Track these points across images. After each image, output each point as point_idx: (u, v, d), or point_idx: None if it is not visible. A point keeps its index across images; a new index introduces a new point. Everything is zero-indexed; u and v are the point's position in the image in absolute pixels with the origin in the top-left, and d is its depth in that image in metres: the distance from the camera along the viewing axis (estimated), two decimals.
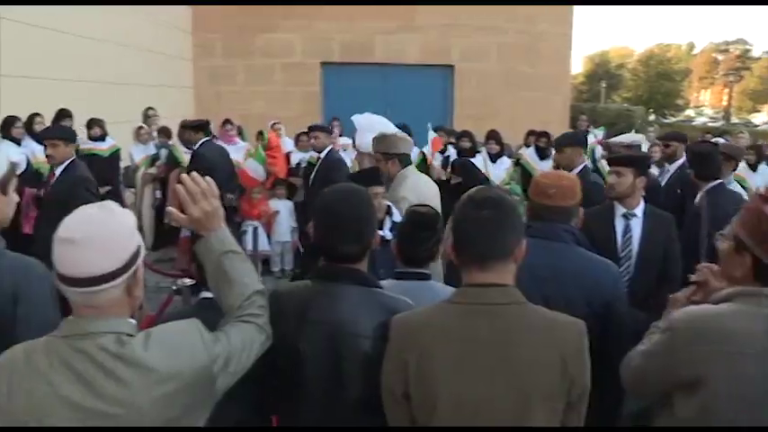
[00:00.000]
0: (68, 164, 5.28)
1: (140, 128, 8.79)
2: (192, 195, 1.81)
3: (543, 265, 2.50)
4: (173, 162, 8.04)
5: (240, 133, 8.41)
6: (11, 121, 6.99)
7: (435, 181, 5.09)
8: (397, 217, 3.83)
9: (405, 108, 12.45)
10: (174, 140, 8.31)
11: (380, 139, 4.42)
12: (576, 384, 1.80)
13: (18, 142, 6.94)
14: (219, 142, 7.88)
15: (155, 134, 8.80)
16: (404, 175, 4.26)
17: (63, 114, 7.65)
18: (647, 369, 1.95)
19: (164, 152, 8.35)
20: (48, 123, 7.22)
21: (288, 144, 8.93)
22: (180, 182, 1.84)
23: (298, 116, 12.48)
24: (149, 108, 9.33)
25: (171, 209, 1.90)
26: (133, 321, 1.63)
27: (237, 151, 7.95)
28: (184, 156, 7.70)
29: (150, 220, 8.21)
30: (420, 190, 4.19)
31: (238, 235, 6.98)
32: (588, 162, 6.20)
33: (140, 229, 1.86)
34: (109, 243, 1.53)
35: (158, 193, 8.31)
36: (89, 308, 1.55)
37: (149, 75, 11.37)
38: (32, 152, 7.00)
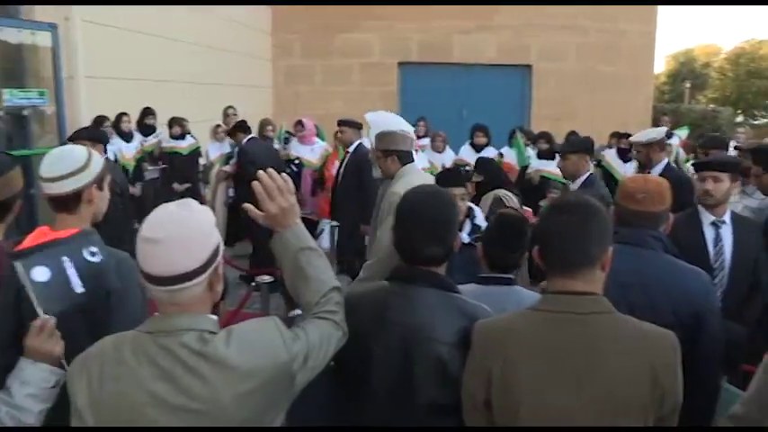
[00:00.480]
0: None
1: (217, 126, 8.99)
2: (268, 192, 1.83)
3: (629, 272, 2.42)
4: None
5: (318, 133, 8.48)
6: (100, 120, 7.32)
7: (523, 187, 5.03)
8: (479, 220, 3.79)
9: (481, 108, 12.40)
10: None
11: (380, 137, 4.28)
12: (667, 398, 1.74)
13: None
14: (295, 142, 8.03)
15: None
16: (402, 173, 4.11)
17: (147, 113, 7.95)
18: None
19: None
20: (133, 122, 7.52)
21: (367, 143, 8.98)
22: (254, 180, 1.85)
23: None
24: (229, 107, 9.54)
25: (247, 205, 1.91)
26: (214, 318, 1.66)
27: (314, 151, 8.04)
28: None
29: (223, 216, 8.39)
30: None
31: (315, 233, 7.09)
32: (672, 164, 6.00)
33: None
34: (191, 241, 1.56)
35: (231, 191, 8.50)
36: (173, 305, 1.58)
37: (230, 74, 11.61)
38: (119, 149, 7.30)
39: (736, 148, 5.77)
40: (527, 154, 8.28)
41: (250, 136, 7.41)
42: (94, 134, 5.72)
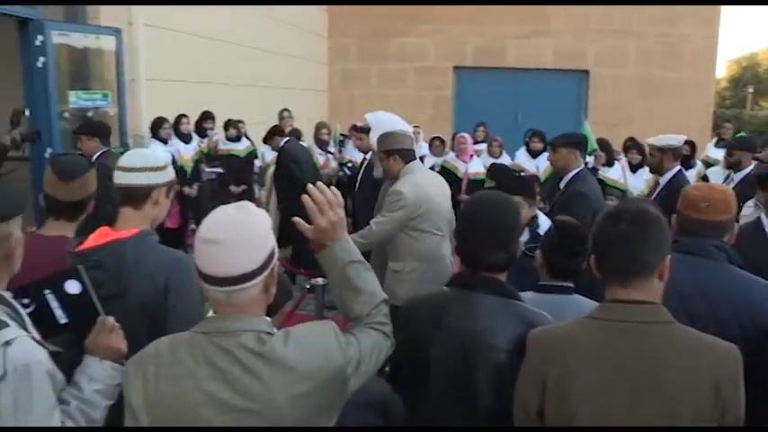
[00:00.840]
0: (99, 155, 5.54)
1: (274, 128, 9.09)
2: (319, 206, 1.80)
3: (689, 282, 2.35)
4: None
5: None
6: (159, 122, 7.50)
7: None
8: (542, 229, 3.75)
9: (536, 113, 12.28)
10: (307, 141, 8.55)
11: (381, 139, 4.33)
12: (728, 412, 1.69)
13: (165, 141, 7.41)
14: (351, 145, 8.09)
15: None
16: (405, 171, 4.14)
17: (206, 116, 8.10)
18: None
19: None
20: (192, 124, 7.68)
21: (423, 148, 8.98)
22: (306, 193, 1.84)
23: (429, 120, 12.55)
24: (284, 110, 9.65)
25: (297, 219, 1.90)
26: (269, 319, 1.68)
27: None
28: (320, 159, 8.03)
29: (276, 218, 8.47)
30: (419, 185, 4.06)
31: None
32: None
33: None
34: (249, 243, 1.57)
35: None
36: (230, 306, 1.60)
37: (286, 77, 11.77)
38: (177, 150, 7.46)
39: (755, 158, 5.49)
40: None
41: (287, 138, 7.55)
42: (87, 129, 5.89)
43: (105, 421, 1.87)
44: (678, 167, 4.97)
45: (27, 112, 4.97)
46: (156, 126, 7.49)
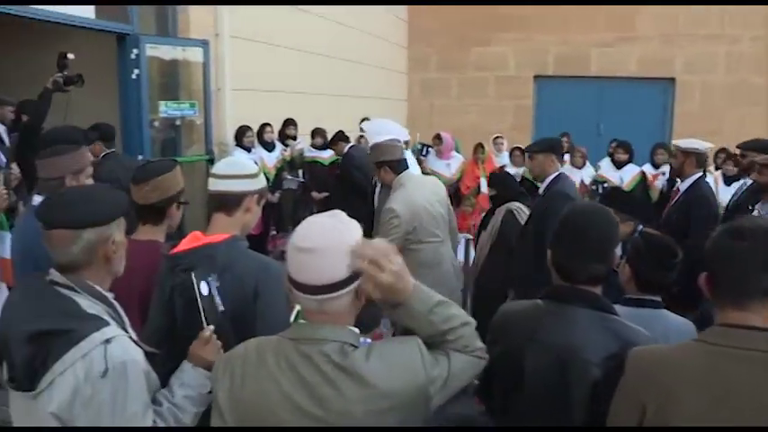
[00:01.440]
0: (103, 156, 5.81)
1: (360, 137, 9.18)
2: (376, 262, 1.59)
3: None
4: None
5: (455, 147, 8.48)
6: (243, 130, 7.69)
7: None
8: None
9: (620, 123, 11.97)
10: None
11: (372, 150, 4.38)
12: None
13: (249, 149, 7.59)
14: (432, 156, 8.09)
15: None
16: (397, 184, 4.21)
17: (288, 123, 8.26)
18: None
19: None
20: (276, 133, 7.84)
21: (504, 157, 8.91)
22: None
23: (509, 129, 12.42)
24: (364, 119, 9.75)
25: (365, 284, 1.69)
26: (357, 330, 1.66)
27: (450, 166, 8.03)
28: None
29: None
30: (410, 199, 4.15)
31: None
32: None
33: None
34: (342, 253, 1.56)
35: None
36: (321, 314, 1.60)
37: (366, 87, 11.86)
38: (261, 158, 7.62)
39: (738, 146, 5.13)
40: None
41: (351, 144, 7.68)
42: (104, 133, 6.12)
43: (199, 424, 1.91)
44: (700, 174, 4.88)
45: (71, 56, 5.12)
46: (240, 134, 7.69)
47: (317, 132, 8.64)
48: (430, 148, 8.78)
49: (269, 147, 7.95)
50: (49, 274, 1.77)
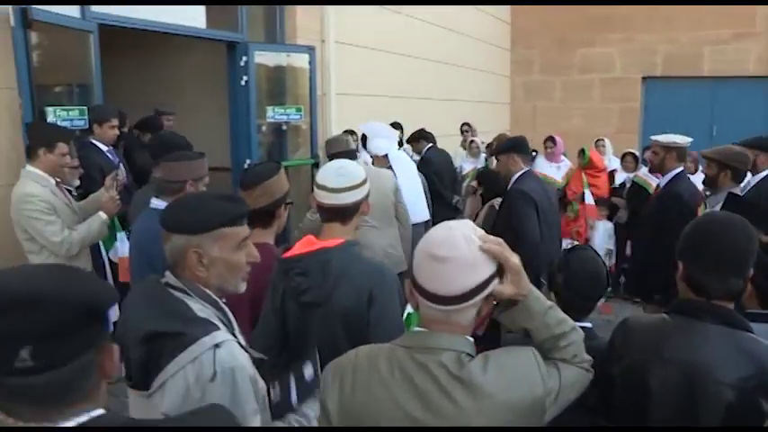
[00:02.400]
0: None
1: (472, 142, 9.11)
2: (500, 255, 1.57)
3: None
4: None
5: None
6: (349, 133, 7.73)
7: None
8: None
9: (734, 126, 11.31)
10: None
11: (326, 144, 4.89)
12: None
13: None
14: (542, 159, 7.93)
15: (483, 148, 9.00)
16: None
17: (394, 127, 8.25)
18: None
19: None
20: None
21: (613, 162, 8.62)
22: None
23: (615, 133, 12.04)
24: (464, 124, 9.69)
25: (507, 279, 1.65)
26: (472, 340, 1.61)
27: (560, 170, 7.84)
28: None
29: None
30: None
31: None
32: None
33: None
34: (476, 263, 1.52)
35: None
36: (443, 324, 1.55)
37: (469, 90, 11.80)
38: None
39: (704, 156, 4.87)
40: None
41: (430, 145, 7.62)
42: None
43: None
44: (681, 169, 4.83)
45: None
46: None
47: (420, 135, 8.60)
48: (535, 152, 8.58)
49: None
50: (165, 276, 1.81)
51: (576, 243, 7.07)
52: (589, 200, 7.49)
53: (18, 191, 3.98)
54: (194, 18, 7.14)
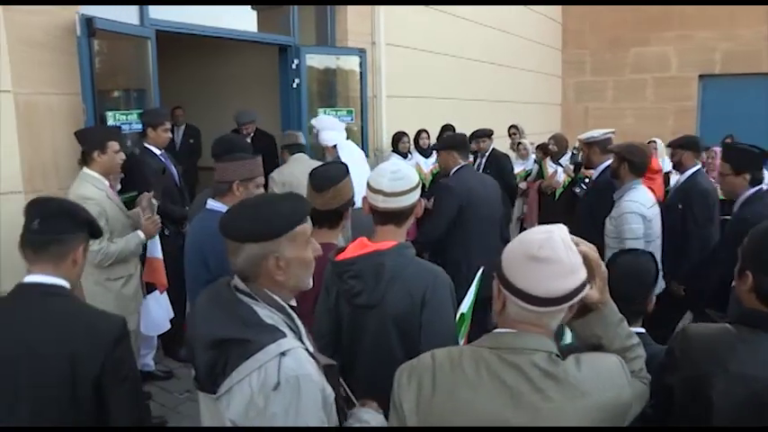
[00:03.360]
0: None
1: (519, 143, 9.04)
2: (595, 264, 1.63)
3: None
4: (540, 177, 8.19)
5: None
6: (399, 136, 7.81)
7: None
8: None
9: None
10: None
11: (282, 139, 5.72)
12: None
13: (405, 155, 7.67)
14: None
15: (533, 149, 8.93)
16: (288, 161, 5.61)
17: (446, 129, 8.26)
18: None
19: (536, 167, 8.48)
20: (433, 138, 7.88)
21: (667, 164, 8.43)
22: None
23: (670, 134, 11.75)
24: (512, 126, 9.61)
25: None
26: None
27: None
28: (549, 170, 7.86)
29: (517, 233, 8.35)
30: (289, 173, 5.35)
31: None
32: None
33: None
34: (574, 265, 1.53)
35: (525, 208, 8.50)
36: (532, 325, 1.55)
37: (519, 91, 11.70)
38: (417, 164, 7.67)
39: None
40: None
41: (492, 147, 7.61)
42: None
43: None
44: (609, 161, 4.82)
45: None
46: (396, 140, 7.80)
47: (475, 136, 8.57)
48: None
49: (425, 153, 7.99)
50: (233, 279, 1.81)
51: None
52: None
53: (74, 192, 4.06)
54: (247, 22, 7.27)
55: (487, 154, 7.59)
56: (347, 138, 6.24)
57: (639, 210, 4.23)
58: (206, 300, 1.80)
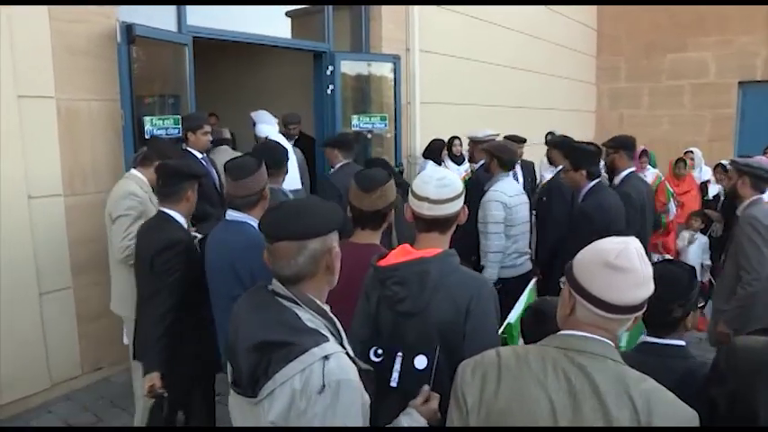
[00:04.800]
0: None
1: (549, 150, 8.95)
2: None
3: None
4: None
5: (649, 160, 7.94)
6: (451, 140, 7.76)
7: None
8: None
9: None
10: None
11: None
12: None
13: (438, 162, 7.64)
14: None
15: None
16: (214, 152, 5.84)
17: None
18: None
19: None
20: (465, 145, 7.84)
21: (705, 173, 8.30)
22: None
23: (707, 141, 11.61)
24: (549, 133, 9.52)
25: None
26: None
27: (646, 177, 7.56)
28: None
29: None
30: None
31: None
32: None
33: None
34: (647, 276, 1.56)
35: None
36: (599, 328, 1.58)
37: (553, 98, 11.62)
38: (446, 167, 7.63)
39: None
40: None
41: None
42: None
43: None
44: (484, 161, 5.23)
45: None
46: (438, 148, 7.76)
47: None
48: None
49: (458, 160, 7.95)
50: (272, 284, 1.80)
51: (666, 257, 6.86)
52: (673, 211, 7.24)
53: (122, 186, 4.07)
54: (281, 29, 7.31)
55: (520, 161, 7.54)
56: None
57: (500, 198, 4.66)
58: (247, 305, 1.80)
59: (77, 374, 5.07)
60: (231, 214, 3.12)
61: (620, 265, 1.53)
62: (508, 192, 4.72)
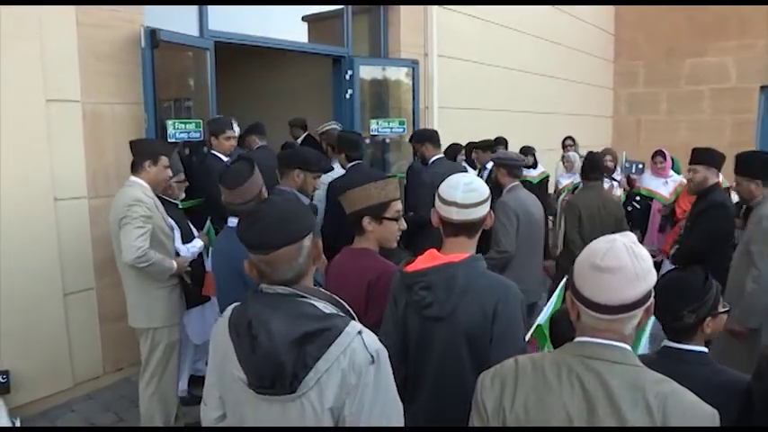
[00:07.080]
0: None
1: (563, 156, 8.94)
2: None
3: None
4: None
5: (672, 165, 7.88)
6: (455, 147, 7.74)
7: None
8: None
9: None
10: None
11: None
12: None
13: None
14: (648, 174, 7.69)
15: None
16: None
17: (498, 142, 8.20)
18: None
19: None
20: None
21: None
22: None
23: (727, 147, 11.46)
24: (567, 137, 9.51)
25: None
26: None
27: (668, 185, 7.53)
28: (605, 185, 7.73)
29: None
30: None
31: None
32: None
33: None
34: (641, 274, 1.54)
35: None
36: (604, 331, 1.59)
37: (571, 103, 11.59)
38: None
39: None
40: None
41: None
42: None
43: None
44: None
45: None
46: (450, 152, 7.76)
47: (527, 150, 8.49)
48: (640, 165, 8.25)
49: (475, 165, 7.95)
50: (267, 289, 1.79)
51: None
52: None
53: (126, 194, 3.95)
54: (300, 34, 7.35)
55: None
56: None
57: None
58: (263, 311, 1.73)
59: (99, 374, 5.13)
60: (233, 221, 3.17)
61: (606, 266, 1.53)
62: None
